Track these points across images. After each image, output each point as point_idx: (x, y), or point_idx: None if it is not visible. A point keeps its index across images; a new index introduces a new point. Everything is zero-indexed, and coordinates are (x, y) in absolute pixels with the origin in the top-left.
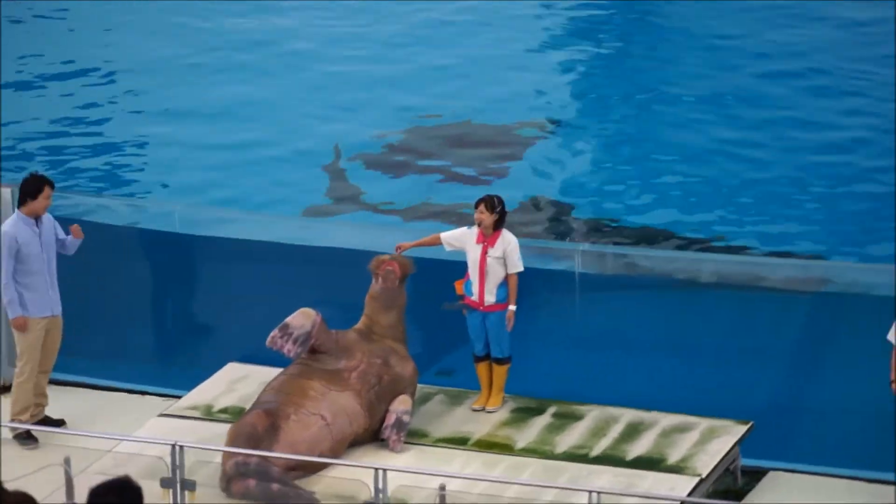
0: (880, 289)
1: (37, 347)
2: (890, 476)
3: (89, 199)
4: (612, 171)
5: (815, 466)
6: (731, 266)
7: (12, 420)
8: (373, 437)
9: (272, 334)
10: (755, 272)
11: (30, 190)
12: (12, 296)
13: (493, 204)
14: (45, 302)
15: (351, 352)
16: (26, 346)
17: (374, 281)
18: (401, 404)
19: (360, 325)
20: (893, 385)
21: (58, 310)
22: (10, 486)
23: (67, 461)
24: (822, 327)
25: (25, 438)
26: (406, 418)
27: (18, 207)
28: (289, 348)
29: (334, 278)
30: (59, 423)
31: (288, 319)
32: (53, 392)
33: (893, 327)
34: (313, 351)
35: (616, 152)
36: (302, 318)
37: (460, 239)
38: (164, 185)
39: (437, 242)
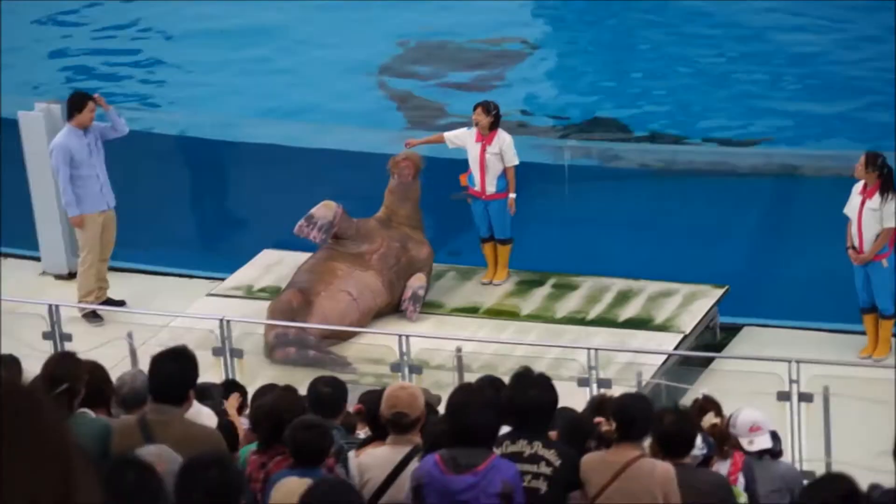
0: (839, 170)
1: (95, 239)
2: (849, 326)
3: (134, 113)
4: (593, 77)
5: (784, 321)
6: (702, 155)
7: (80, 302)
8: (394, 310)
9: (299, 224)
10: (724, 160)
11: (76, 105)
12: (69, 198)
13: (489, 108)
14: (99, 199)
15: (372, 237)
16: (86, 239)
17: (391, 177)
18: (416, 280)
19: (380, 213)
20: (849, 251)
21: (112, 204)
22: (82, 356)
23: (130, 335)
24: (785, 206)
25: (93, 317)
26: (421, 292)
27: (67, 120)
28: (314, 235)
29: (353, 176)
30: (121, 303)
31: (312, 210)
32: (113, 277)
33: (848, 202)
34: (337, 237)
35: (593, 62)
36: (324, 210)
37: (461, 138)
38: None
39: (442, 141)
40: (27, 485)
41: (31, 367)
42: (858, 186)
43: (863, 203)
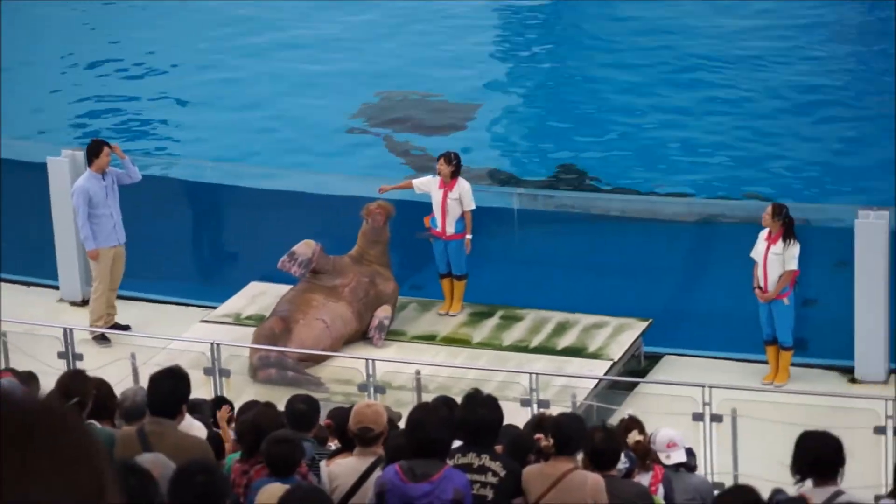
0: (748, 218)
1: (106, 271)
2: (754, 356)
3: (142, 159)
4: (538, 132)
5: (699, 350)
6: (632, 204)
7: (91, 326)
8: (362, 337)
9: (282, 259)
10: (651, 208)
11: (93, 151)
12: (87, 233)
13: (450, 158)
14: (112, 235)
15: (345, 272)
16: (98, 270)
17: (364, 222)
18: (382, 311)
19: (353, 252)
20: (756, 290)
21: (122, 240)
22: (91, 374)
23: (133, 356)
24: (702, 250)
25: (101, 340)
26: (386, 322)
27: (88, 166)
28: (295, 270)
29: (331, 218)
30: (126, 327)
31: (294, 248)
32: (120, 305)
33: (754, 247)
34: (315, 272)
35: (539, 118)
36: (304, 247)
37: (427, 184)
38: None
39: (410, 187)
40: (68, 491)
41: (47, 383)
42: (764, 233)
43: (768, 248)
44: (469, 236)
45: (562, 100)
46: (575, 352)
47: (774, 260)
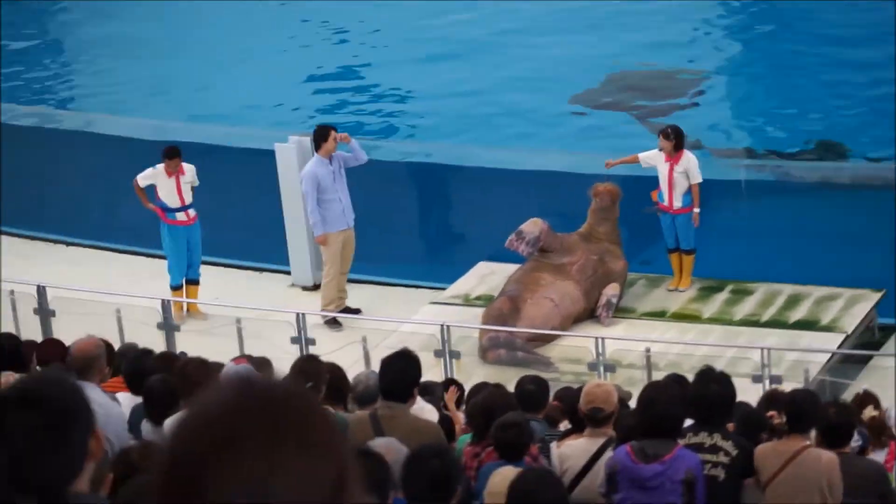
0: None
1: (337, 255)
2: None
3: (369, 143)
4: (758, 102)
5: None
6: (862, 171)
7: (322, 310)
8: (590, 315)
9: (509, 238)
10: (884, 176)
11: (321, 135)
12: (316, 219)
13: (667, 133)
14: (340, 219)
15: (573, 251)
16: (329, 255)
17: (592, 201)
18: (611, 289)
19: (582, 229)
20: None
21: (351, 223)
22: (324, 358)
23: (365, 339)
24: None
25: (333, 324)
26: (614, 300)
27: (315, 151)
28: (522, 249)
29: (554, 195)
30: (357, 311)
31: (521, 226)
32: (350, 288)
33: None
34: (543, 250)
35: (763, 89)
36: (532, 226)
37: (653, 158)
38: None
39: (637, 161)
40: (312, 477)
41: (281, 369)
42: None
43: None
44: (697, 210)
45: (779, 72)
46: (807, 325)
47: None
